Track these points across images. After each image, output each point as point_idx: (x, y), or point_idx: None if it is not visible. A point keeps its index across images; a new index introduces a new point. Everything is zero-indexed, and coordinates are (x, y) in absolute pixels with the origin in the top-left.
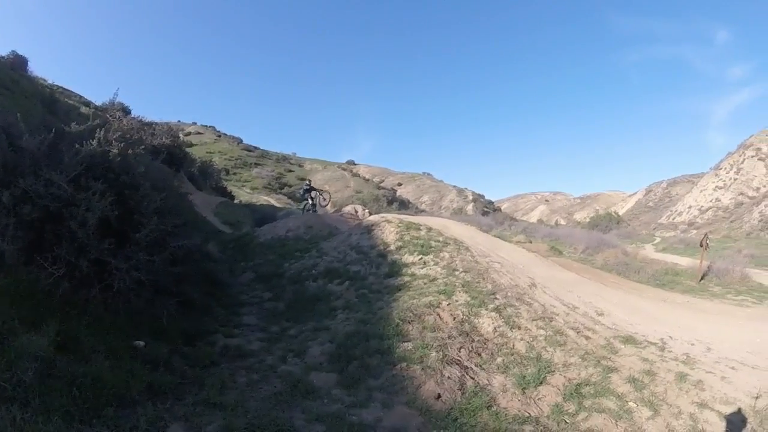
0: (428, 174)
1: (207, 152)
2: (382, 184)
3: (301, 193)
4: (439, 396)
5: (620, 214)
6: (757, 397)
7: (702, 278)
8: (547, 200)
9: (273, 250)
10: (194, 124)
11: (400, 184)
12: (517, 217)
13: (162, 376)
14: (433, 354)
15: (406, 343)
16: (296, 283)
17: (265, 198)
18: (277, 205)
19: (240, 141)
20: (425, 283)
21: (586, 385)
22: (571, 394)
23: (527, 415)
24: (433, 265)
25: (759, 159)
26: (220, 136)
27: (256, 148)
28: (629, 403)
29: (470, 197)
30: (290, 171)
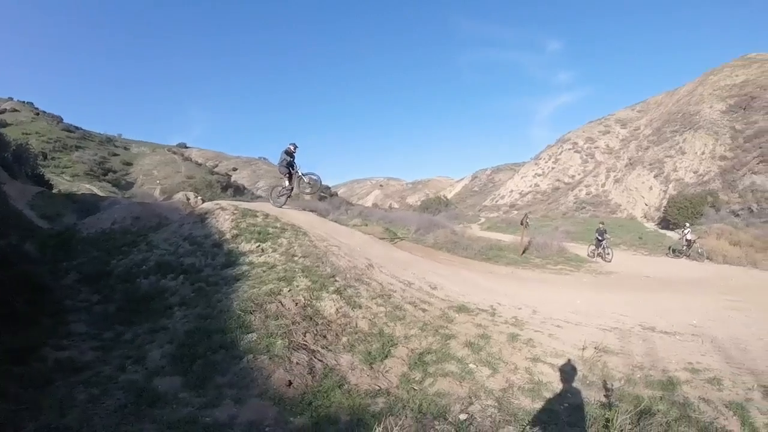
0: (265, 159)
1: (23, 133)
2: (215, 169)
3: (281, 162)
4: (290, 383)
5: (449, 197)
6: (583, 349)
7: (524, 252)
8: (381, 185)
9: (98, 246)
10: (10, 99)
11: (235, 169)
12: (353, 202)
13: None
14: (279, 342)
15: (250, 335)
16: (126, 282)
17: (87, 186)
18: (101, 193)
19: (60, 120)
20: (264, 271)
21: (428, 353)
22: (416, 363)
23: (378, 388)
24: (272, 252)
25: (575, 151)
26: (38, 114)
27: (77, 128)
28: (470, 365)
29: None
30: (115, 155)
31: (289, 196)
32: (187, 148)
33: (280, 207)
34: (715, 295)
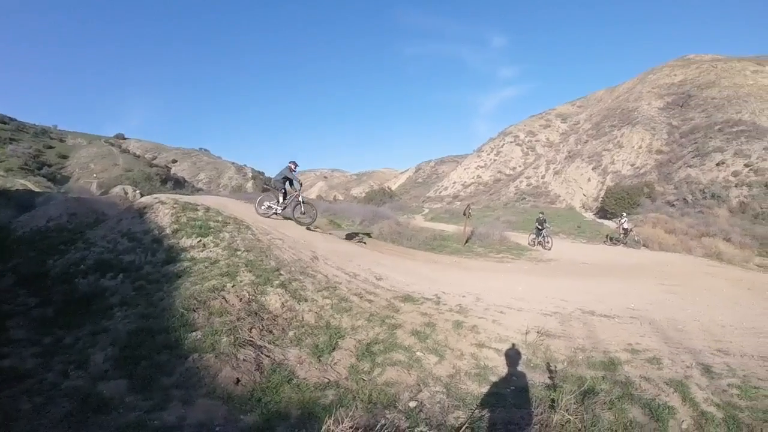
0: (205, 150)
1: None
2: (154, 161)
3: (277, 179)
4: (238, 380)
5: (393, 189)
6: (526, 333)
7: (467, 241)
8: (325, 177)
9: (34, 246)
10: None
11: (175, 161)
12: None
13: None
14: (224, 339)
15: (194, 333)
16: (64, 283)
17: (22, 181)
18: (35, 189)
19: None
20: (207, 267)
21: (376, 343)
22: (364, 353)
23: (327, 381)
24: (214, 246)
25: (516, 144)
26: None
27: (11, 119)
28: (417, 353)
29: (250, 174)
30: (50, 147)
31: (276, 212)
32: (125, 139)
33: (267, 217)
34: (652, 280)
